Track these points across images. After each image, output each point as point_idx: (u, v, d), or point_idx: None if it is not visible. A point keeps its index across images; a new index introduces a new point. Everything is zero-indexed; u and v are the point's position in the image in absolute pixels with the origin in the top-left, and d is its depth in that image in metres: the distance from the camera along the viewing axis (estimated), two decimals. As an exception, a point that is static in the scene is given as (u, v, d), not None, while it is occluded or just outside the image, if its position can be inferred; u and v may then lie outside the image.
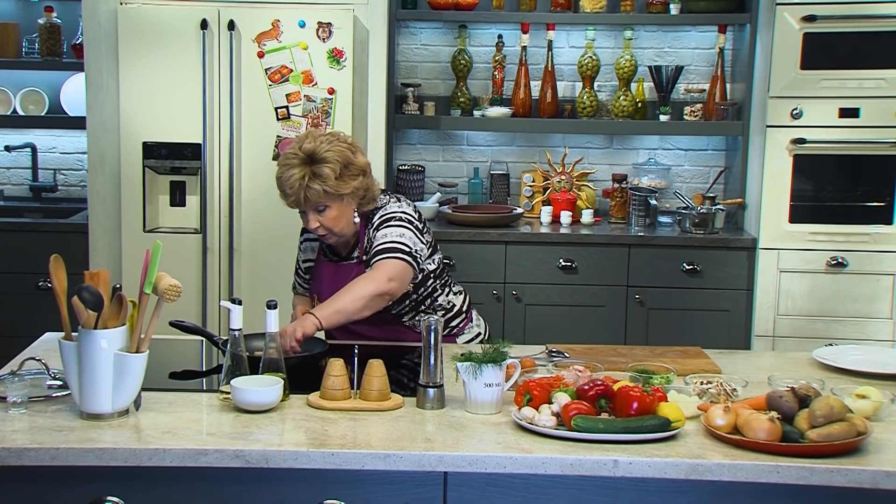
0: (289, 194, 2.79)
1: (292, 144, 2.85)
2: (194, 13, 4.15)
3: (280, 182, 2.81)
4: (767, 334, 4.39)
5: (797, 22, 4.25)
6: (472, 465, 2.06)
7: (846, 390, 2.35)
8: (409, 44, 4.94)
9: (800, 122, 4.30)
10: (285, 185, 2.79)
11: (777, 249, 4.37)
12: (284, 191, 2.81)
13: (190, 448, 2.07)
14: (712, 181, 4.84)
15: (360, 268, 2.90)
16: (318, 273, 3.02)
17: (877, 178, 4.33)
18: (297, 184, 2.76)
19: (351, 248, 2.96)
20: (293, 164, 2.78)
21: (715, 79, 4.74)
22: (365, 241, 2.92)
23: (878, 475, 2.01)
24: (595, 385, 2.23)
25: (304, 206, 2.82)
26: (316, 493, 2.09)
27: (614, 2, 4.74)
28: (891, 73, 4.24)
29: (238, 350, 2.34)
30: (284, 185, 2.79)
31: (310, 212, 2.83)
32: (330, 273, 2.97)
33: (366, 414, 2.28)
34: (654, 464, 2.04)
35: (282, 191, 2.82)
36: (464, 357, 2.31)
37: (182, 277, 2.34)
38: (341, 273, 2.93)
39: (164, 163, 4.25)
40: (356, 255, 2.94)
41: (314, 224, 2.83)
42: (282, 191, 2.82)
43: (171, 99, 4.20)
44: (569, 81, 4.89)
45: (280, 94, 4.20)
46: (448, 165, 5.02)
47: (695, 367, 2.67)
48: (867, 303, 4.34)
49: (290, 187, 2.78)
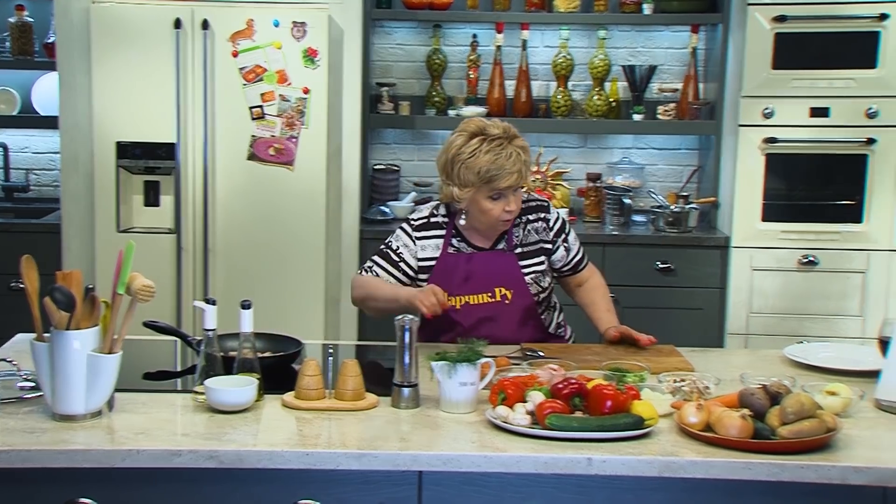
0: (511, 173, 2.80)
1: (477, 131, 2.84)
2: (168, 12, 4.13)
3: (496, 165, 2.79)
4: (740, 332, 4.43)
5: (768, 22, 4.29)
6: (446, 464, 2.07)
7: (817, 387, 2.37)
8: (383, 43, 4.94)
9: (771, 121, 4.34)
10: (507, 165, 2.80)
11: (749, 248, 4.41)
12: (503, 172, 2.79)
13: (163, 449, 2.07)
14: (686, 180, 4.87)
15: (510, 257, 2.93)
16: (453, 266, 2.94)
17: (847, 177, 4.37)
18: (519, 159, 2.81)
19: (496, 240, 2.96)
20: (502, 144, 2.81)
21: (688, 78, 4.78)
22: (514, 235, 2.95)
23: (847, 471, 2.03)
24: (569, 383, 2.24)
25: (517, 186, 2.83)
26: (291, 493, 2.09)
27: (588, 1, 4.76)
28: (860, 73, 4.29)
29: (212, 350, 2.34)
30: (505, 165, 2.80)
31: (511, 194, 2.85)
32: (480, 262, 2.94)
33: (341, 413, 2.28)
34: (627, 462, 2.06)
35: (497, 175, 2.79)
36: (438, 356, 2.31)
37: (156, 278, 2.34)
38: (496, 262, 2.94)
39: (138, 162, 4.23)
40: (503, 246, 2.96)
41: (514, 205, 2.85)
42: (497, 175, 2.79)
43: (145, 98, 4.18)
44: (543, 81, 4.91)
45: (254, 94, 4.19)
46: (423, 165, 5.02)
47: (668, 365, 2.69)
48: (838, 300, 4.39)
49: (512, 164, 2.80)
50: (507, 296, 2.93)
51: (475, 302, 2.92)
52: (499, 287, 2.93)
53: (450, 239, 2.95)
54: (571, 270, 3.07)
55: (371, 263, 2.98)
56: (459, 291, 2.91)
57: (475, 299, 2.92)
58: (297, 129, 4.21)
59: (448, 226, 2.96)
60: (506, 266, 2.93)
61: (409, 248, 2.96)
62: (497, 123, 2.88)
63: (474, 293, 2.92)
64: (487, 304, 2.92)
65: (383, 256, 2.97)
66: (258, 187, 4.25)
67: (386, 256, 2.97)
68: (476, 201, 2.85)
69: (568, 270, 3.07)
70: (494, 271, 2.93)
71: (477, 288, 2.92)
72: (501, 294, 2.93)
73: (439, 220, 2.98)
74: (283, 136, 4.22)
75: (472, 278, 2.92)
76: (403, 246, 2.96)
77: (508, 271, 2.93)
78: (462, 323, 2.91)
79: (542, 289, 2.99)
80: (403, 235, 2.97)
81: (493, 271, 2.93)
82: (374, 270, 2.96)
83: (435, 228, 2.97)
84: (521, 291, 2.94)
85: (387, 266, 2.96)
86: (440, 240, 2.96)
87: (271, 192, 4.25)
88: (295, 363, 2.62)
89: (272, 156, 4.23)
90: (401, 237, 2.97)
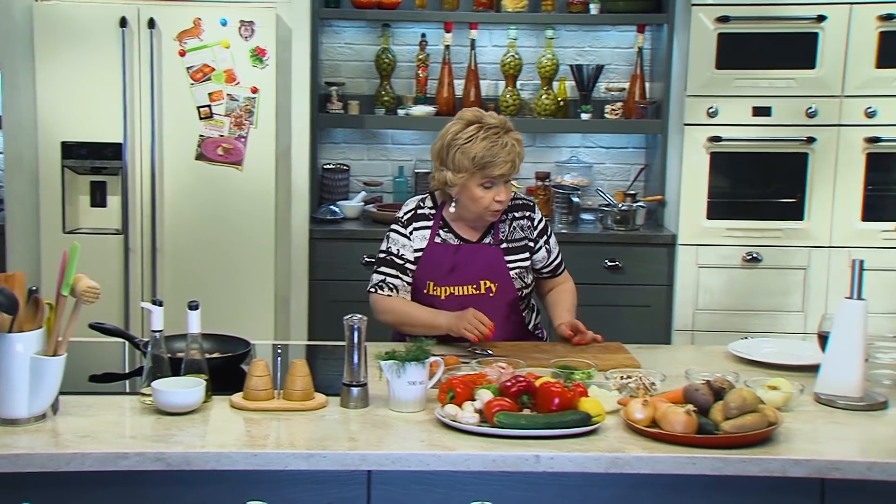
0: (506, 161, 2.84)
1: (474, 119, 2.88)
2: (113, 11, 4.09)
3: (491, 153, 2.83)
4: (687, 329, 4.49)
5: (712, 22, 4.35)
6: (395, 463, 2.08)
7: (759, 382, 2.42)
8: (332, 42, 4.94)
9: (716, 120, 4.40)
10: (501, 154, 2.84)
11: (695, 245, 4.47)
12: (497, 160, 2.84)
13: (109, 452, 2.05)
14: (633, 179, 4.93)
15: (496, 251, 2.97)
16: (440, 257, 2.96)
17: (789, 176, 4.45)
18: (514, 150, 2.86)
19: (483, 234, 2.99)
20: (499, 133, 2.86)
21: (634, 78, 4.83)
22: (500, 230, 2.99)
23: (787, 463, 2.07)
24: (517, 381, 2.26)
25: (510, 175, 2.88)
26: (239, 494, 2.08)
27: (535, 1, 4.79)
28: (800, 73, 4.36)
29: (159, 352, 2.33)
30: (500, 154, 2.84)
31: (502, 185, 2.88)
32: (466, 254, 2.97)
33: (289, 414, 2.28)
34: (574, 458, 2.08)
35: (492, 162, 2.83)
36: (387, 355, 2.32)
37: (103, 279, 2.32)
38: (482, 254, 2.97)
39: (84, 163, 4.18)
40: (489, 241, 2.99)
41: (504, 196, 2.88)
42: (492, 162, 2.83)
43: (91, 98, 4.13)
44: (492, 80, 4.93)
45: (202, 94, 4.16)
46: (373, 164, 5.03)
47: (615, 362, 2.72)
48: (780, 297, 4.47)
49: (507, 153, 2.84)
50: (491, 289, 2.96)
51: (460, 293, 2.96)
52: (484, 280, 2.96)
53: (437, 230, 2.99)
54: (550, 273, 3.11)
55: (381, 276, 2.97)
56: (445, 282, 2.95)
57: (460, 290, 2.96)
58: (245, 128, 4.19)
59: (435, 217, 2.99)
60: (491, 259, 2.97)
61: (406, 247, 2.98)
62: (493, 115, 2.95)
63: (459, 284, 2.96)
64: (472, 297, 2.95)
65: (389, 265, 2.97)
66: (207, 187, 4.22)
67: (391, 264, 2.97)
68: (468, 188, 2.88)
69: (547, 273, 3.11)
70: (480, 264, 2.97)
71: (462, 279, 2.96)
72: (486, 287, 2.96)
73: (426, 212, 3.01)
74: (232, 135, 4.20)
75: (457, 269, 2.95)
76: (402, 247, 2.98)
77: (494, 265, 2.97)
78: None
79: (526, 285, 3.03)
80: (398, 237, 2.99)
81: (478, 264, 2.97)
82: (388, 284, 2.96)
83: (423, 220, 3.00)
84: (506, 286, 2.98)
85: (398, 274, 2.97)
86: (427, 230, 2.98)
87: (220, 192, 4.23)
88: (243, 364, 2.61)
89: (220, 156, 4.21)
90: (396, 239, 2.99)
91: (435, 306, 2.93)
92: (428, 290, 2.96)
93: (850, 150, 4.38)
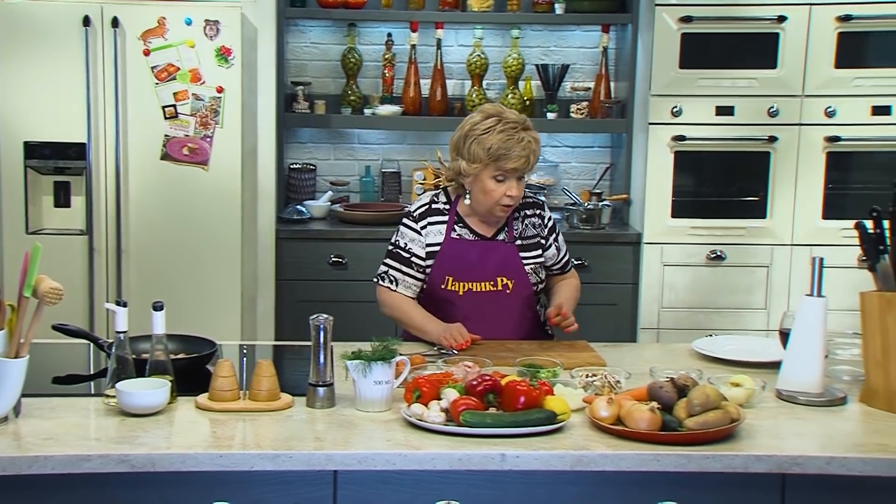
0: (520, 156, 2.87)
1: (494, 113, 2.92)
2: (76, 10, 4.06)
3: (507, 146, 2.86)
4: (652, 327, 4.52)
5: (675, 22, 4.39)
6: (361, 462, 2.08)
7: (722, 379, 2.44)
8: (298, 42, 4.93)
9: (680, 119, 4.44)
10: (516, 148, 2.86)
11: (660, 244, 4.51)
12: (512, 154, 2.86)
13: (73, 454, 2.04)
14: (598, 178, 4.95)
15: (511, 247, 3.00)
16: (457, 252, 2.99)
17: (751, 174, 4.49)
18: (529, 146, 2.88)
19: (497, 231, 3.02)
20: (517, 129, 2.89)
21: (599, 77, 4.86)
22: (514, 227, 3.02)
23: (749, 459, 2.10)
24: (483, 380, 2.27)
25: (523, 171, 2.90)
26: (205, 495, 2.08)
27: (501, 1, 4.81)
28: (762, 72, 4.41)
29: (123, 353, 2.31)
30: (515, 148, 2.86)
31: (515, 180, 2.90)
32: (483, 250, 2.99)
33: (255, 414, 2.28)
34: (540, 456, 2.09)
35: (506, 155, 2.86)
36: (353, 355, 2.32)
37: (68, 280, 2.30)
38: (498, 251, 3.00)
39: (48, 163, 4.15)
40: (503, 237, 3.01)
41: (515, 191, 2.91)
42: (506, 155, 2.86)
43: (54, 98, 4.10)
44: (458, 79, 4.94)
45: (167, 93, 4.14)
46: (339, 164, 5.02)
47: (581, 360, 2.74)
48: (744, 294, 4.51)
49: (522, 149, 2.87)
50: (508, 285, 2.99)
51: (478, 289, 2.98)
52: (500, 276, 2.99)
53: (452, 225, 3.01)
54: (560, 270, 3.15)
55: (385, 268, 3.02)
56: (463, 278, 2.97)
57: (478, 287, 2.98)
58: (211, 128, 4.17)
59: (450, 212, 3.01)
60: (507, 256, 3.00)
61: (416, 241, 3.00)
62: (514, 112, 2.98)
63: (477, 280, 2.98)
64: (489, 293, 2.98)
65: (394, 257, 3.01)
66: (172, 187, 4.20)
67: (397, 257, 3.00)
68: (480, 179, 2.90)
69: (557, 270, 3.14)
70: (497, 260, 2.99)
71: (480, 276, 2.98)
72: (503, 283, 2.99)
73: (441, 207, 3.03)
74: (197, 135, 4.18)
75: (475, 266, 2.98)
76: (410, 241, 3.00)
77: (510, 261, 3.00)
78: (464, 309, 2.97)
79: (541, 280, 3.07)
80: (407, 230, 3.01)
81: (495, 260, 2.99)
82: (391, 276, 3.00)
83: (437, 214, 3.02)
84: (522, 281, 3.01)
85: (400, 267, 3.00)
86: (443, 225, 3.01)
87: (186, 192, 4.21)
88: (209, 364, 2.61)
89: (186, 155, 4.19)
90: (406, 233, 3.01)
91: (453, 302, 2.97)
92: (447, 285, 2.98)
93: (810, 149, 4.43)
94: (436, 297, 2.99)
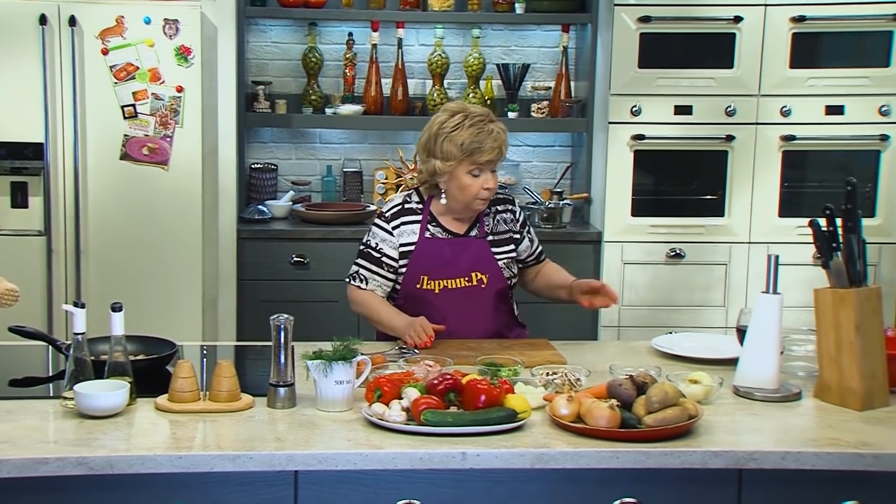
0: (493, 148, 2.90)
1: (458, 110, 2.95)
2: (32, 8, 4.01)
3: (478, 139, 2.89)
4: (613, 325, 4.56)
5: (634, 22, 4.42)
6: (322, 462, 2.08)
7: (680, 376, 2.47)
8: (258, 41, 4.91)
9: (639, 118, 4.47)
10: (488, 140, 2.90)
11: (621, 242, 4.54)
12: (485, 146, 2.89)
13: (29, 458, 2.02)
14: (559, 177, 4.98)
15: (483, 243, 3.03)
16: (431, 251, 3.00)
17: (710, 173, 4.54)
18: (499, 137, 2.92)
19: (469, 227, 3.04)
20: (484, 122, 2.92)
21: (560, 77, 4.89)
22: (485, 224, 3.04)
23: (706, 455, 2.12)
24: (444, 379, 2.27)
25: (496, 163, 2.94)
26: (165, 497, 2.07)
27: (462, 1, 4.82)
28: (719, 72, 4.46)
29: (81, 354, 2.30)
30: (487, 140, 2.90)
31: (490, 172, 2.94)
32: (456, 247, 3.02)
33: (215, 415, 2.27)
34: (500, 454, 2.10)
35: (479, 148, 2.89)
36: (314, 355, 2.32)
37: (26, 281, 2.29)
38: (471, 247, 3.02)
39: (4, 163, 4.10)
40: (475, 233, 3.03)
41: (492, 183, 2.94)
42: (479, 148, 2.89)
43: (10, 97, 4.05)
44: (419, 79, 4.95)
45: (126, 93, 4.10)
46: (301, 163, 5.01)
47: (541, 358, 2.75)
48: (703, 292, 4.56)
49: (493, 140, 2.91)
50: (482, 280, 3.02)
51: (453, 286, 3.00)
52: (475, 271, 3.02)
53: (426, 224, 3.02)
54: (535, 260, 3.20)
55: (356, 268, 3.04)
56: (438, 275, 3.00)
57: (453, 283, 3.01)
58: (171, 128, 4.15)
59: (423, 211, 3.03)
60: (480, 251, 3.03)
61: (387, 242, 3.01)
62: (477, 106, 3.03)
63: (452, 277, 3.01)
64: (464, 288, 3.01)
65: (365, 257, 3.02)
66: (132, 187, 4.17)
67: (368, 257, 3.02)
68: (456, 176, 2.93)
69: (532, 260, 3.19)
70: (470, 256, 3.02)
71: (454, 272, 3.01)
72: (478, 278, 3.02)
73: (413, 206, 3.04)
74: (157, 135, 4.15)
75: (449, 263, 3.00)
76: (382, 241, 3.01)
77: (483, 256, 3.03)
78: (440, 306, 2.98)
79: (513, 274, 3.10)
80: (379, 231, 3.02)
81: (469, 256, 3.02)
82: (361, 275, 3.02)
83: (410, 214, 3.03)
84: (496, 276, 3.04)
85: (371, 266, 3.01)
86: (416, 225, 3.02)
87: (146, 192, 4.18)
88: (169, 365, 2.59)
89: (146, 155, 4.16)
90: (377, 233, 3.02)
91: (429, 300, 2.99)
92: (422, 284, 3.00)
93: (767, 148, 4.49)
94: (412, 296, 3.01)
